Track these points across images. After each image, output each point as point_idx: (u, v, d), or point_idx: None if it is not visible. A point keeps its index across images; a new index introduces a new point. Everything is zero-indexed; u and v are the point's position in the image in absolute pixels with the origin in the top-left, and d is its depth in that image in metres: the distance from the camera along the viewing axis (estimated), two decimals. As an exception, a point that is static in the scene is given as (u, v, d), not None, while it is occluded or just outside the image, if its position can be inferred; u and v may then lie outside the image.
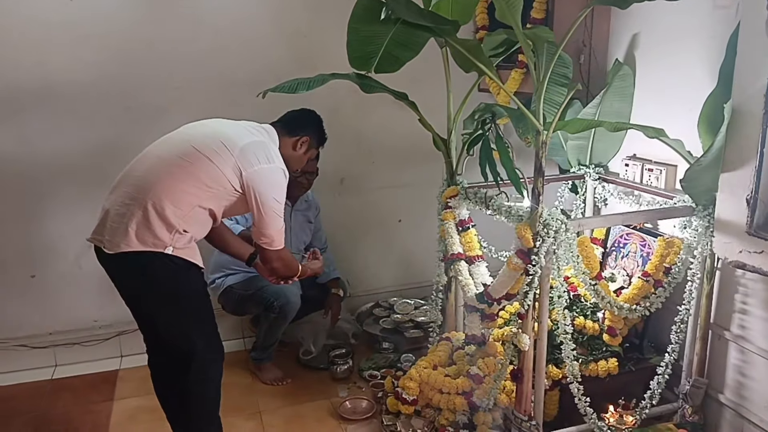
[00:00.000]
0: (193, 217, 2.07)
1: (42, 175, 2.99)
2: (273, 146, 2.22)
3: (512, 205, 2.31)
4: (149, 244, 2.01)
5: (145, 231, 2.00)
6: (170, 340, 2.15)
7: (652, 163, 2.72)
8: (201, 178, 2.04)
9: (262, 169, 2.11)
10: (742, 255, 2.10)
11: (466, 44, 1.96)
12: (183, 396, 2.20)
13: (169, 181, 2.02)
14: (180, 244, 2.05)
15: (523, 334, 2.20)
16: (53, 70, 2.89)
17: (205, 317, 2.19)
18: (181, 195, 2.02)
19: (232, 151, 2.08)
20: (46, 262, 3.10)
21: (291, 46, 3.18)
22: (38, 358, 3.13)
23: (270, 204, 2.12)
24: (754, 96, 1.98)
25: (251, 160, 2.10)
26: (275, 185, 2.15)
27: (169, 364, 2.17)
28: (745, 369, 2.39)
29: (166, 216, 2.00)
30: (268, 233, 2.17)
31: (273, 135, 2.27)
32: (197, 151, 2.06)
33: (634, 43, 2.84)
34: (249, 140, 2.14)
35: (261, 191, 2.10)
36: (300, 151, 2.36)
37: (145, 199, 2.00)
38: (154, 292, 2.10)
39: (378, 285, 3.67)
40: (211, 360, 2.20)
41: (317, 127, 2.46)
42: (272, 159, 2.16)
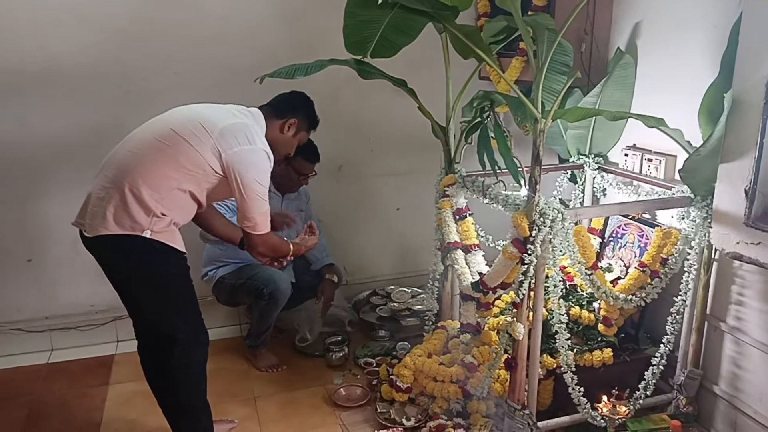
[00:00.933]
0: (173, 200, 2.05)
1: (40, 159, 2.98)
2: (257, 128, 2.17)
3: (509, 194, 2.30)
4: (126, 227, 2.01)
5: (123, 214, 1.99)
6: (153, 324, 2.16)
7: (652, 153, 2.70)
8: (179, 161, 2.02)
9: (243, 150, 2.07)
10: (739, 246, 2.09)
11: (464, 30, 1.94)
12: (168, 380, 2.20)
13: (147, 164, 2.01)
14: (158, 228, 2.03)
15: (518, 323, 2.19)
16: (54, 53, 2.87)
17: (187, 301, 2.18)
18: (160, 178, 2.01)
19: (212, 133, 2.05)
20: (43, 246, 3.09)
21: (291, 31, 3.15)
22: (34, 342, 3.13)
23: (252, 186, 2.09)
24: (755, 86, 1.96)
25: (231, 141, 2.06)
26: (257, 167, 2.11)
27: (155, 348, 2.18)
28: (740, 360, 2.38)
29: (143, 199, 1.99)
30: (251, 216, 2.14)
31: (259, 118, 2.22)
32: (176, 133, 2.04)
33: (636, 31, 2.81)
34: (230, 122, 2.10)
35: (242, 173, 2.06)
36: (288, 134, 2.31)
37: (122, 183, 2.00)
38: (133, 275, 2.10)
39: (375, 273, 3.67)
40: (194, 344, 2.19)
41: (306, 110, 2.38)
42: (254, 141, 2.11)
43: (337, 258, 3.56)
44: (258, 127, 2.19)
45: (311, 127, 2.44)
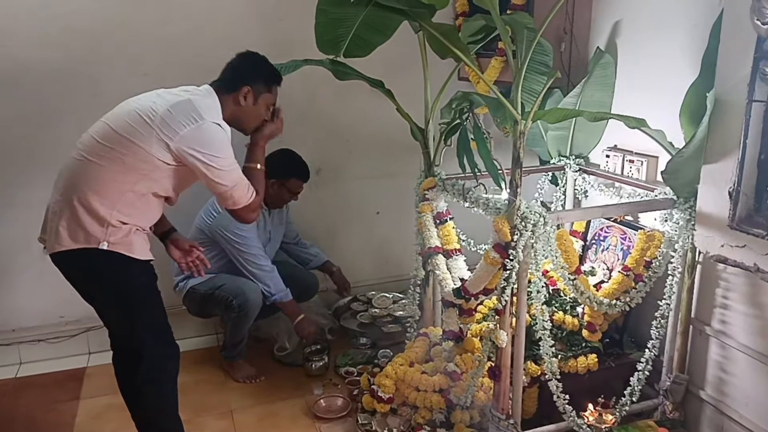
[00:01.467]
0: (128, 205, 1.94)
1: (4, 165, 2.87)
2: (206, 104, 2.00)
3: (490, 198, 2.24)
4: (81, 240, 1.92)
5: (76, 227, 1.91)
6: (119, 337, 2.09)
7: (633, 154, 2.66)
8: (126, 162, 1.91)
9: (190, 131, 1.92)
10: (723, 249, 2.05)
11: (441, 29, 1.87)
12: (137, 395, 2.12)
13: (92, 171, 1.92)
14: (115, 238, 1.93)
15: (501, 331, 2.13)
16: (17, 54, 2.76)
17: (152, 313, 2.08)
18: (108, 184, 1.91)
19: (153, 123, 1.91)
20: (10, 256, 2.98)
21: (267, 29, 3.06)
22: (1, 356, 3.02)
23: (213, 164, 1.95)
24: (738, 85, 1.92)
25: (174, 126, 1.91)
26: (210, 143, 1.94)
27: (124, 361, 2.11)
28: (725, 365, 2.34)
29: (94, 209, 1.89)
30: (228, 194, 2.01)
31: (211, 95, 2.06)
32: (116, 132, 1.93)
33: (615, 30, 2.77)
34: (171, 104, 1.95)
35: (197, 155, 1.92)
36: (248, 104, 2.10)
37: (71, 194, 1.91)
38: (95, 289, 2.03)
39: (356, 278, 3.57)
40: (162, 358, 2.10)
41: (254, 69, 2.13)
42: (200, 116, 1.94)
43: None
44: (209, 102, 2.02)
45: (272, 85, 2.17)
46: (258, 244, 2.87)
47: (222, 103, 2.06)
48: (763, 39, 1.82)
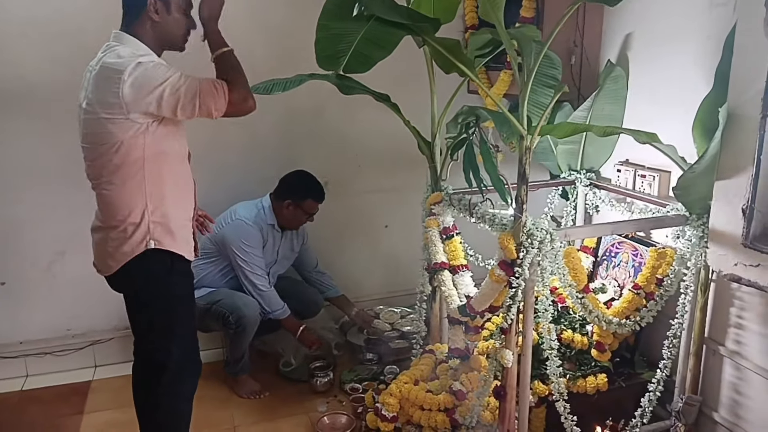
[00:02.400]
0: (155, 192, 1.90)
1: (13, 180, 2.88)
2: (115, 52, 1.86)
3: (496, 213, 2.20)
4: (129, 252, 1.92)
5: (122, 243, 1.92)
6: (147, 348, 2.06)
7: (645, 168, 2.61)
8: (114, 161, 1.84)
9: (125, 86, 1.77)
10: (737, 268, 1.98)
11: (445, 43, 1.84)
12: (153, 407, 2.10)
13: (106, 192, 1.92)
14: (159, 234, 1.92)
15: (506, 350, 2.08)
16: (27, 71, 2.78)
17: (186, 326, 2.08)
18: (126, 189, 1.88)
19: (93, 110, 1.82)
20: (18, 270, 2.98)
21: (274, 44, 3.06)
22: (8, 369, 3.00)
23: (164, 93, 1.80)
24: (752, 99, 1.87)
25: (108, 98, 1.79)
26: (144, 75, 1.79)
27: (146, 371, 2.09)
28: (740, 386, 2.27)
29: (132, 221, 1.90)
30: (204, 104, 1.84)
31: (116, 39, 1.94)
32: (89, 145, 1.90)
33: (627, 43, 2.73)
34: (91, 84, 1.85)
35: (142, 92, 1.78)
36: (161, 16, 1.92)
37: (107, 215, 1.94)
38: (132, 297, 2.04)
39: (364, 293, 3.55)
40: (183, 373, 2.09)
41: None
42: (118, 70, 1.79)
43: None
44: (118, 48, 1.88)
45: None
46: (260, 263, 2.86)
47: (138, 34, 1.93)
48: (777, 52, 1.77)
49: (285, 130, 3.20)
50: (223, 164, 3.12)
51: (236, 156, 3.16)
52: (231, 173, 3.15)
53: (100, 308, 3.04)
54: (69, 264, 3.00)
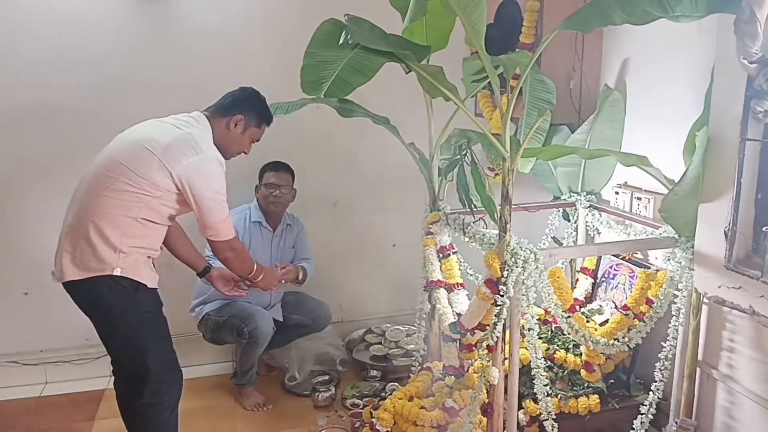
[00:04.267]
0: (136, 231, 2.06)
1: (37, 196, 3.06)
2: (202, 134, 2.15)
3: (485, 233, 2.25)
4: (94, 269, 2.04)
5: (90, 257, 2.03)
6: (124, 361, 2.16)
7: (642, 191, 2.63)
8: (130, 191, 2.03)
9: (191, 162, 2.06)
10: (721, 290, 2.00)
11: (428, 70, 1.93)
12: (138, 418, 2.20)
13: (101, 200, 2.04)
14: (126, 264, 2.05)
15: (493, 368, 2.12)
16: (52, 94, 2.97)
17: (159, 339, 2.17)
18: (116, 211, 2.03)
19: (155, 152, 2.04)
20: (40, 280, 3.14)
21: (285, 72, 3.17)
22: (29, 375, 3.17)
23: (207, 195, 2.09)
24: (731, 123, 1.90)
25: (178, 156, 2.05)
26: (209, 176, 2.10)
27: (127, 384, 2.18)
28: (733, 411, 2.25)
29: (107, 237, 2.02)
30: (212, 224, 2.14)
31: (202, 121, 2.20)
32: (120, 163, 2.05)
33: (624, 68, 2.77)
34: (173, 136, 2.08)
35: (193, 184, 2.06)
36: (236, 131, 2.24)
37: (84, 223, 2.04)
38: (104, 315, 2.13)
39: (371, 311, 3.62)
40: (164, 384, 2.18)
41: (251, 104, 2.28)
42: (201, 149, 2.09)
43: (331, 295, 3.53)
44: (203, 131, 2.16)
45: (262, 122, 2.33)
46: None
47: (212, 127, 2.20)
48: (753, 78, 1.80)
49: (293, 153, 3.29)
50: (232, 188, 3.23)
51: (244, 180, 3.25)
52: (239, 197, 3.26)
53: None
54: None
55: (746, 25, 1.73)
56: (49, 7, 2.88)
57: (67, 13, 2.91)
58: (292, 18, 3.11)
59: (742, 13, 1.72)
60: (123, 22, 2.98)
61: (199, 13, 3.04)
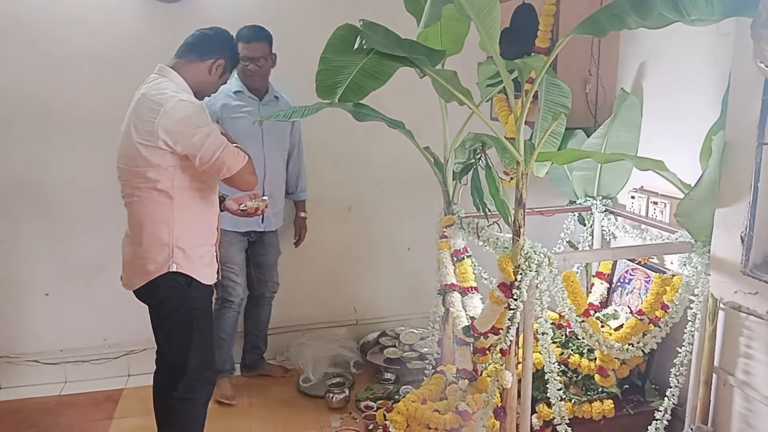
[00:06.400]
0: (181, 223, 2.07)
1: (59, 199, 3.12)
2: (157, 86, 2.04)
3: (499, 236, 2.26)
4: (152, 272, 2.09)
5: (146, 261, 2.08)
6: (168, 355, 2.21)
7: (658, 195, 2.62)
8: (147, 186, 2.04)
9: (161, 120, 1.96)
10: (737, 296, 1.98)
11: (442, 74, 1.94)
12: (169, 411, 2.23)
13: (134, 206, 2.09)
14: (180, 260, 2.09)
15: (506, 371, 2.12)
16: (75, 99, 3.03)
17: (203, 337, 2.21)
18: (153, 210, 2.06)
19: (133, 137, 2.00)
20: (61, 281, 3.21)
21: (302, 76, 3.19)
22: (49, 374, 3.23)
23: (193, 137, 1.98)
24: (748, 128, 1.89)
25: (147, 127, 1.97)
26: (186, 119, 1.99)
27: (165, 376, 2.24)
28: (750, 418, 2.23)
29: (157, 238, 2.06)
30: (219, 164, 2.02)
31: (166, 72, 2.09)
32: (119, 167, 2.10)
33: (641, 72, 2.76)
34: (133, 112, 2.03)
35: (179, 136, 1.97)
36: (215, 76, 2.15)
37: (135, 232, 2.10)
38: (156, 307, 2.18)
39: (386, 313, 3.63)
40: (200, 380, 2.22)
41: (230, 46, 2.19)
42: (158, 102, 1.98)
43: (347, 297, 3.57)
44: (162, 82, 2.05)
45: (235, 66, 2.27)
46: None
47: (187, 71, 2.10)
48: (770, 81, 1.79)
49: (309, 157, 3.32)
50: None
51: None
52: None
53: (136, 320, 3.16)
54: (108, 277, 3.17)
55: (763, 29, 1.71)
56: (70, 9, 2.94)
57: (88, 15, 2.96)
58: (307, 23, 3.14)
59: (759, 17, 1.71)
60: (144, 24, 3.04)
61: (217, 21, 3.07)
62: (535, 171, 2.66)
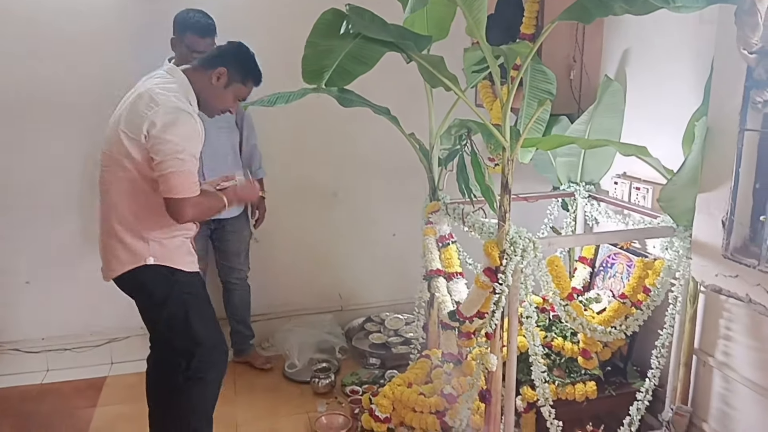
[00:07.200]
0: (158, 217, 2.02)
1: (39, 184, 3.07)
2: (165, 87, 2.00)
3: (485, 222, 2.27)
4: (129, 262, 2.05)
5: (122, 252, 2.05)
6: (175, 340, 2.15)
7: (641, 181, 2.65)
8: (126, 177, 2.00)
9: (151, 117, 1.93)
10: (718, 279, 2.02)
11: (428, 59, 1.94)
12: (179, 392, 2.17)
13: (112, 196, 2.04)
14: (158, 252, 2.06)
15: (491, 355, 2.14)
16: (55, 85, 2.98)
17: (204, 318, 2.17)
18: (129, 202, 2.02)
19: (119, 127, 1.97)
20: (42, 269, 3.17)
21: (288, 61, 3.17)
22: (30, 363, 3.19)
23: (162, 142, 1.91)
24: (730, 114, 1.92)
25: (137, 121, 1.94)
26: (166, 123, 1.92)
27: (170, 360, 2.16)
28: (729, 398, 2.28)
29: (132, 230, 2.03)
30: (175, 183, 1.93)
31: (175, 74, 2.07)
32: (104, 152, 2.05)
33: (625, 59, 2.78)
34: (130, 104, 1.99)
35: (151, 133, 1.91)
36: (218, 84, 2.08)
37: (109, 224, 2.06)
38: (147, 301, 2.14)
39: (371, 299, 3.65)
40: (210, 359, 2.18)
41: (237, 57, 2.11)
42: (155, 102, 1.94)
43: (332, 283, 3.58)
44: (167, 83, 2.03)
45: (247, 79, 2.14)
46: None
47: (194, 79, 2.08)
48: (752, 68, 1.82)
49: (294, 143, 3.31)
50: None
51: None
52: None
53: (118, 308, 3.12)
54: (90, 265, 3.09)
55: (747, 16, 1.74)
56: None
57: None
58: (293, 7, 3.10)
59: (743, 4, 1.74)
60: (122, 9, 2.98)
61: (200, 4, 3.03)
62: (520, 157, 2.68)
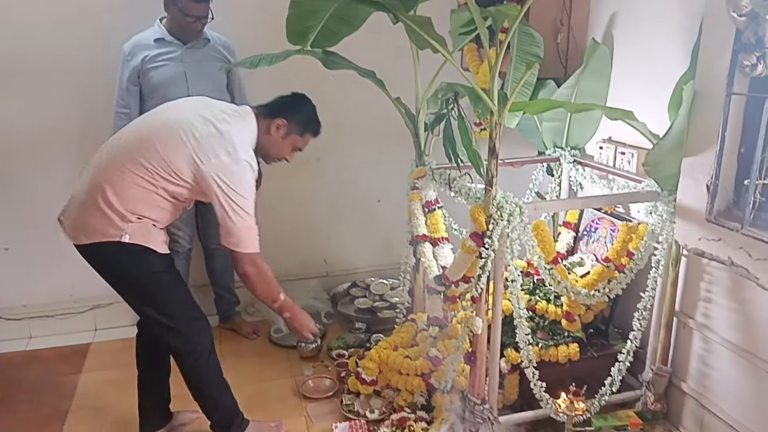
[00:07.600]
0: (147, 203, 2.03)
1: (17, 149, 3.00)
2: (242, 132, 2.08)
3: (471, 187, 2.27)
4: (105, 234, 2.02)
5: (99, 223, 2.01)
6: (150, 316, 2.17)
7: (626, 146, 2.65)
8: (148, 170, 1.99)
9: (222, 162, 1.99)
10: (701, 242, 2.05)
11: (417, 21, 1.90)
12: (185, 375, 2.24)
13: (118, 172, 2.01)
14: (134, 231, 2.03)
15: (476, 317, 2.16)
16: (27, 47, 2.89)
17: (174, 296, 2.17)
18: (129, 186, 2.00)
19: (188, 144, 1.99)
20: (21, 235, 3.12)
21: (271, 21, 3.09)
22: (13, 330, 3.17)
23: (236, 201, 2.00)
24: (717, 77, 1.92)
25: (209, 154, 1.99)
26: (238, 177, 2.01)
27: (156, 337, 2.22)
28: (708, 359, 2.34)
29: (115, 207, 2.00)
30: (235, 230, 2.03)
31: (249, 118, 2.13)
32: (154, 145, 2.00)
33: (612, 22, 2.75)
34: (209, 130, 2.02)
35: (222, 185, 1.98)
36: (277, 135, 2.17)
37: (96, 192, 2.01)
38: (117, 277, 2.13)
39: (356, 265, 3.65)
40: (193, 333, 2.19)
41: (298, 109, 2.22)
42: (234, 149, 2.01)
43: (317, 249, 3.58)
44: (244, 129, 2.10)
45: (307, 131, 2.26)
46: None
47: (259, 127, 2.15)
48: (741, 31, 1.81)
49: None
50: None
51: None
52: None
53: None
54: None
55: (736, -23, 1.72)
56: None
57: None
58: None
59: (733, -35, 1.72)
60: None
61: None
62: (507, 122, 2.66)
